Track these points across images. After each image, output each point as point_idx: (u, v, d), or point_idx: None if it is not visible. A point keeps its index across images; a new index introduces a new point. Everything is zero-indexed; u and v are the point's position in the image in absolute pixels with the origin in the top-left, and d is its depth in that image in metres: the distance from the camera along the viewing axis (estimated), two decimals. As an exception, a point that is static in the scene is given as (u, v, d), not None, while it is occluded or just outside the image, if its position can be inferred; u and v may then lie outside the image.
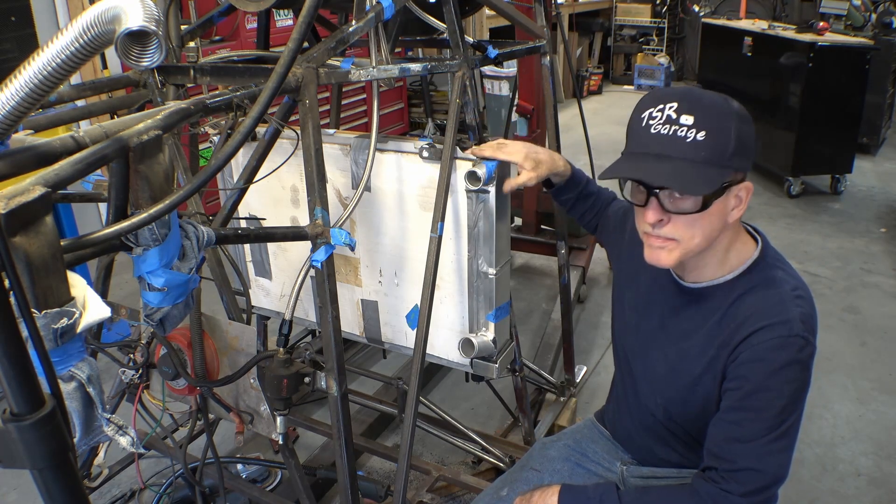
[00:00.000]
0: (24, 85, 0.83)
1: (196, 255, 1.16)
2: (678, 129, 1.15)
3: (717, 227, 1.22)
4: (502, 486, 1.59)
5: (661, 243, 1.23)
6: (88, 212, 4.04)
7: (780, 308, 1.21)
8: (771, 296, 1.24)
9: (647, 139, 1.18)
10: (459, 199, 1.70)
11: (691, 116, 1.15)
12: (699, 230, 1.20)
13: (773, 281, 1.26)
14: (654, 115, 1.18)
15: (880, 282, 4.02)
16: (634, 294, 1.48)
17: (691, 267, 1.32)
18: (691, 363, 1.32)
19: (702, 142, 1.14)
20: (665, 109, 1.17)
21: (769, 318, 1.20)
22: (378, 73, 1.62)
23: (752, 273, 1.28)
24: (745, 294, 1.26)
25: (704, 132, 1.14)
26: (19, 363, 0.66)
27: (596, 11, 9.34)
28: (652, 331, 1.42)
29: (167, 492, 2.24)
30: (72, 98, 1.66)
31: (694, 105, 1.16)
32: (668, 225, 1.21)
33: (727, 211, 1.22)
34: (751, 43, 5.69)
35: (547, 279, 4.10)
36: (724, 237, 1.26)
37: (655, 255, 1.25)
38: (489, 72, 6.11)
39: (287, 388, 1.56)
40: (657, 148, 1.17)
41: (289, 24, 4.59)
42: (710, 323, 1.29)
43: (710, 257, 1.28)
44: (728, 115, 1.17)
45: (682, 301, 1.35)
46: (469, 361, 1.81)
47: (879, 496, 2.41)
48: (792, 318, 1.20)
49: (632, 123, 1.23)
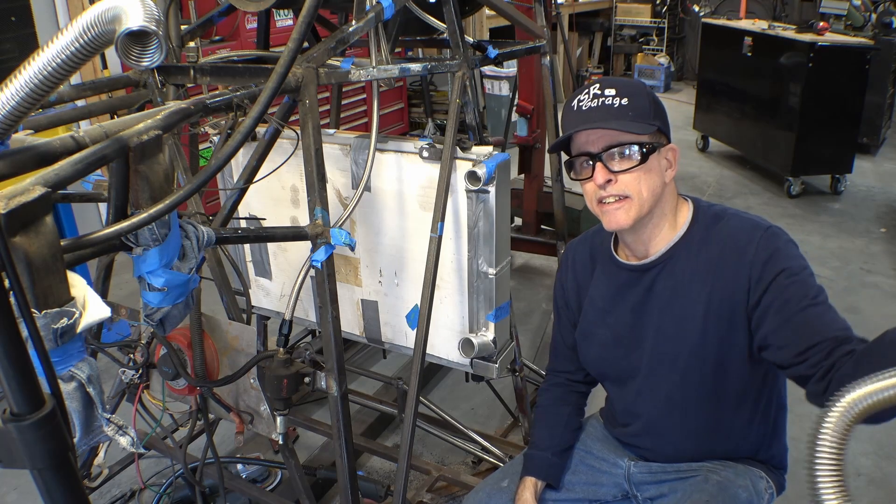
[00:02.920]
0: (24, 85, 0.83)
1: (196, 255, 1.16)
2: (605, 99, 1.33)
3: (658, 184, 1.35)
4: (503, 477, 1.59)
5: (616, 204, 1.34)
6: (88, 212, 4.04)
7: (740, 222, 1.37)
8: (725, 222, 1.38)
9: (580, 116, 1.34)
10: (459, 199, 1.70)
11: (613, 89, 1.34)
12: (645, 184, 1.33)
13: (719, 214, 1.41)
14: (581, 98, 1.35)
15: (880, 282, 4.02)
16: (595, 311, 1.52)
17: (648, 235, 1.40)
18: (689, 321, 1.37)
19: (626, 105, 1.32)
20: (590, 90, 1.35)
21: (742, 233, 1.34)
22: (378, 73, 1.62)
23: (698, 220, 1.41)
24: (704, 237, 1.38)
25: (627, 98, 1.32)
26: (19, 363, 0.66)
27: (596, 11, 9.34)
28: (634, 324, 1.45)
29: (167, 492, 2.24)
30: (72, 98, 1.67)
31: (613, 82, 1.36)
32: (617, 183, 1.33)
33: (662, 170, 1.36)
34: (751, 43, 5.69)
35: (547, 279, 4.10)
36: (667, 197, 1.39)
37: (614, 218, 1.35)
38: (489, 72, 6.12)
39: (287, 388, 1.56)
40: (592, 118, 1.33)
41: (289, 24, 4.59)
42: (686, 277, 1.37)
43: (661, 219, 1.39)
44: (641, 87, 1.38)
45: (649, 278, 1.42)
46: (469, 361, 1.81)
47: (879, 496, 2.41)
48: (755, 220, 1.37)
49: (564, 113, 1.40)
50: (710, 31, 6.58)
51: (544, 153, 3.66)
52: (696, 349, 1.36)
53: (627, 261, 1.47)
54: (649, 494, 1.52)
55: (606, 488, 1.56)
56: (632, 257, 1.46)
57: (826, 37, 5.26)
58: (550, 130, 2.34)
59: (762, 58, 5.56)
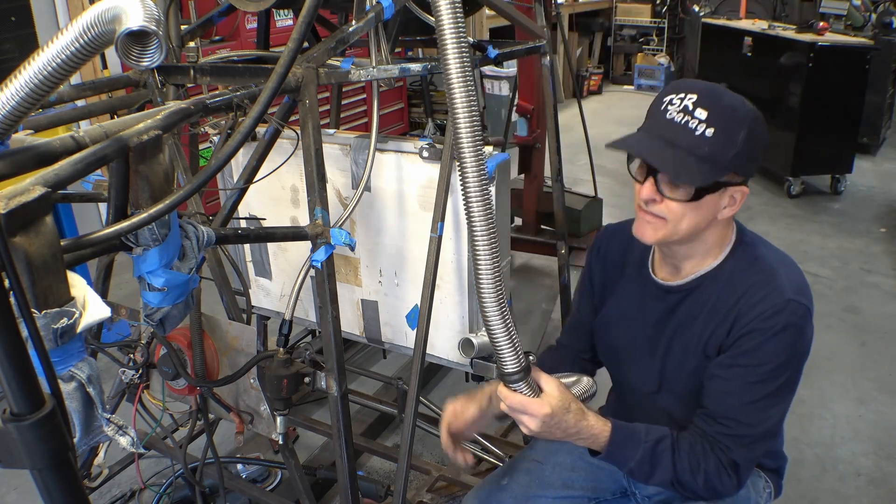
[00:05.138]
0: (24, 85, 0.83)
1: (196, 255, 1.16)
2: (690, 120, 1.19)
3: (705, 220, 1.27)
4: (503, 475, 1.59)
5: (650, 219, 1.28)
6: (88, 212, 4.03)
7: (769, 279, 1.28)
8: (757, 270, 1.30)
9: (661, 123, 1.23)
10: (459, 199, 1.70)
11: (706, 111, 1.19)
12: (687, 219, 1.25)
13: (756, 257, 1.33)
14: (674, 101, 1.22)
15: (880, 282, 4.02)
16: (621, 309, 1.50)
17: (679, 258, 1.37)
18: (693, 353, 1.35)
19: (708, 138, 1.18)
20: (685, 99, 1.21)
21: (762, 290, 1.26)
22: (378, 73, 1.62)
23: (736, 255, 1.34)
24: (733, 275, 1.32)
25: (714, 129, 1.18)
26: (19, 363, 0.66)
27: (596, 11, 9.33)
28: (652, 337, 1.44)
29: (167, 492, 2.24)
30: (72, 98, 1.67)
31: (712, 102, 1.20)
32: (661, 205, 1.26)
33: (718, 208, 1.26)
34: (751, 43, 5.69)
35: (547, 279, 4.09)
36: (711, 232, 1.31)
37: (642, 230, 1.31)
38: (489, 72, 6.12)
39: (287, 388, 1.56)
40: (668, 133, 1.21)
41: (289, 24, 4.59)
42: (705, 310, 1.34)
43: (695, 249, 1.34)
44: (741, 120, 1.20)
45: (676, 299, 1.40)
46: (469, 361, 1.81)
47: (879, 496, 2.41)
48: (782, 285, 1.26)
49: (653, 104, 1.28)
50: (710, 31, 6.58)
51: (544, 153, 3.66)
52: (694, 376, 1.37)
53: (658, 273, 1.43)
54: (647, 492, 1.53)
55: (606, 485, 1.56)
56: (662, 271, 1.43)
57: (826, 37, 5.26)
58: (550, 130, 2.34)
59: (762, 58, 5.56)
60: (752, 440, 1.29)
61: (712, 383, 1.31)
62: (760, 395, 1.27)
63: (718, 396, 1.30)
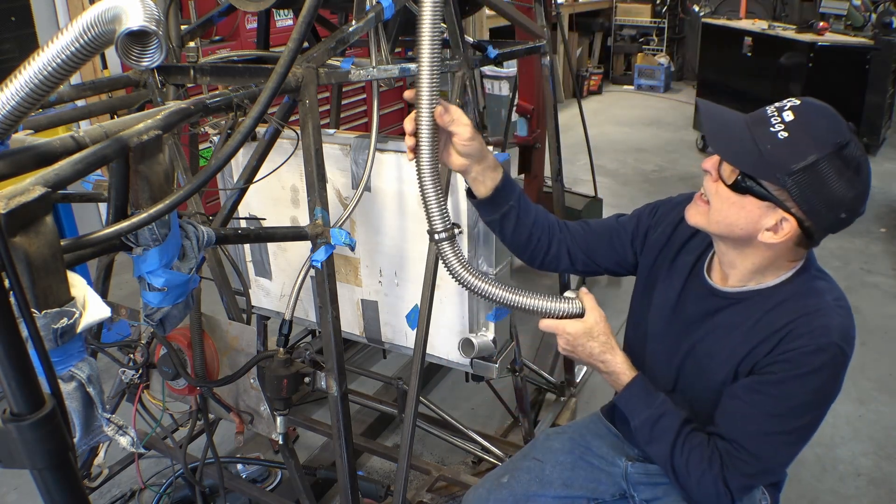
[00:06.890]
0: (24, 85, 0.83)
1: (196, 255, 1.16)
2: (776, 117, 1.18)
3: (741, 227, 1.22)
4: (503, 473, 1.59)
5: (700, 201, 1.28)
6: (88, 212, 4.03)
7: (820, 317, 1.22)
8: (812, 305, 1.24)
9: (757, 111, 1.22)
10: (459, 199, 1.70)
11: (793, 116, 1.17)
12: (725, 211, 1.23)
13: (814, 290, 1.27)
14: (784, 101, 1.21)
15: (880, 282, 4.02)
16: (664, 296, 1.46)
17: (725, 264, 1.33)
18: (720, 364, 1.32)
19: (779, 140, 1.15)
20: (790, 101, 1.20)
21: (809, 326, 1.21)
22: (378, 73, 1.62)
23: (796, 282, 1.29)
24: (787, 301, 1.27)
25: (787, 134, 1.15)
26: (19, 363, 0.66)
27: (596, 11, 9.33)
28: (681, 333, 1.42)
29: (167, 492, 2.24)
30: (72, 98, 1.67)
31: (806, 114, 1.18)
32: (711, 184, 1.25)
33: (759, 222, 1.20)
34: (751, 43, 5.70)
35: (547, 279, 4.09)
36: (755, 253, 1.26)
37: (688, 209, 1.31)
38: (489, 72, 6.12)
39: (287, 388, 1.56)
40: (753, 118, 1.21)
41: (289, 24, 4.59)
42: (747, 325, 1.29)
43: (737, 261, 1.30)
44: (821, 146, 1.15)
45: (719, 304, 1.36)
46: (469, 361, 1.81)
47: (879, 496, 2.41)
48: (831, 327, 1.21)
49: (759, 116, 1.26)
50: (710, 31, 6.59)
51: (544, 153, 3.66)
52: (713, 391, 1.35)
53: (712, 275, 1.39)
54: (645, 496, 1.52)
55: (605, 486, 1.56)
56: (716, 274, 1.38)
57: (826, 37, 5.27)
58: (550, 130, 2.34)
59: (762, 58, 5.56)
60: (753, 472, 1.26)
61: (732, 403, 1.28)
62: (776, 429, 1.23)
63: (733, 418, 1.27)
